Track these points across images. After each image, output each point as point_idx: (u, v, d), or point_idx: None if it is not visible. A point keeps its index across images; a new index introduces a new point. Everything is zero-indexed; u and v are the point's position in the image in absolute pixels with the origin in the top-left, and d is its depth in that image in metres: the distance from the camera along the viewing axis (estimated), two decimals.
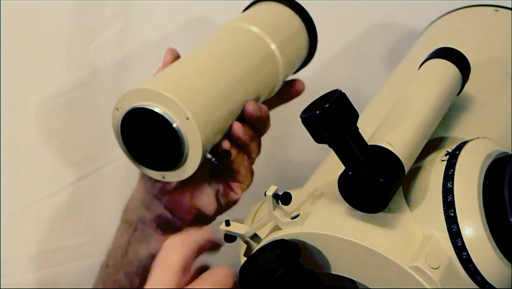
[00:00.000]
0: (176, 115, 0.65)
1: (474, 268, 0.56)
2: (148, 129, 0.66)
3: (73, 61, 1.00)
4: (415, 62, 0.67)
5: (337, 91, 0.55)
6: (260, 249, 0.59)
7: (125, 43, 1.01)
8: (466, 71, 0.65)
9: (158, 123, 0.65)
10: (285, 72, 0.79)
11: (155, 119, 0.66)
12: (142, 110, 0.66)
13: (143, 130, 0.67)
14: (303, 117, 0.55)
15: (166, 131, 0.66)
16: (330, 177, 0.60)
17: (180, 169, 0.68)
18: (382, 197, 0.55)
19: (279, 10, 0.81)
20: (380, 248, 0.56)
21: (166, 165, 0.68)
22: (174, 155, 0.67)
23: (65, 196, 1.01)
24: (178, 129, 0.66)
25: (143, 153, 0.68)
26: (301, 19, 0.81)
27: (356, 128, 0.56)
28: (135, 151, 0.69)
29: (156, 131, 0.66)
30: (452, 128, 0.66)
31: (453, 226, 0.56)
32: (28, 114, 0.99)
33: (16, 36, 0.97)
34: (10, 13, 0.96)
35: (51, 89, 0.99)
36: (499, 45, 0.77)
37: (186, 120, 0.65)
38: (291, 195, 0.60)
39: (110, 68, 1.00)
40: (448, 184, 0.57)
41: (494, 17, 0.81)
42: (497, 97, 0.72)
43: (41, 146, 0.99)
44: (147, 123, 0.66)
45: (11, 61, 0.97)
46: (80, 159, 1.00)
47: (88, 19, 0.99)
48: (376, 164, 0.55)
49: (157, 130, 0.66)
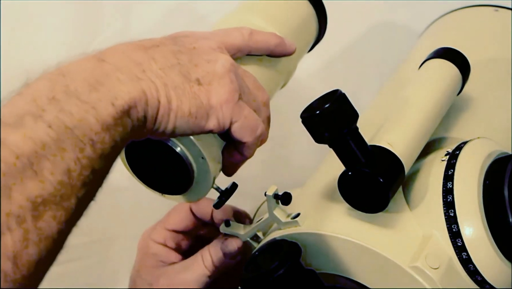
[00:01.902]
0: (191, 155, 0.60)
1: (474, 268, 0.56)
2: (157, 157, 0.62)
3: None
4: (415, 62, 0.67)
5: (337, 91, 0.55)
6: (260, 249, 0.59)
7: None
8: (466, 71, 0.65)
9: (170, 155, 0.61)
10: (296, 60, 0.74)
11: (168, 152, 0.61)
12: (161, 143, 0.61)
13: (151, 156, 0.62)
14: (303, 117, 0.55)
15: (177, 164, 0.61)
16: (330, 177, 0.60)
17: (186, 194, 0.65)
18: (382, 197, 0.55)
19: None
20: (380, 248, 0.56)
21: (171, 190, 0.65)
22: (182, 185, 0.62)
23: None
24: (191, 166, 0.61)
25: (147, 174, 0.65)
26: (312, 6, 0.75)
27: (356, 129, 0.56)
28: (138, 169, 0.65)
29: (167, 161, 0.61)
30: (452, 128, 0.66)
31: (453, 226, 0.56)
32: None
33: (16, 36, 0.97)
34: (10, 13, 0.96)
35: None
36: (499, 45, 0.77)
37: (201, 159, 0.60)
38: (291, 195, 0.60)
39: None
40: (448, 184, 0.57)
41: (494, 17, 0.81)
42: (497, 98, 0.72)
43: None
44: (157, 151, 0.61)
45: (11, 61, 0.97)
46: None
47: (88, 19, 0.99)
48: (376, 164, 0.55)
49: (168, 161, 0.61)
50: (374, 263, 0.56)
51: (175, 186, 0.63)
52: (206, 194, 0.63)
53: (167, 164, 0.62)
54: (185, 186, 0.62)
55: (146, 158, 0.63)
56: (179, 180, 0.62)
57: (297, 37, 0.74)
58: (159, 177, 0.63)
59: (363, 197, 0.56)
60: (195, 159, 0.60)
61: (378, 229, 0.57)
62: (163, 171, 0.63)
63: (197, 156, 0.60)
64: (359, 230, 0.57)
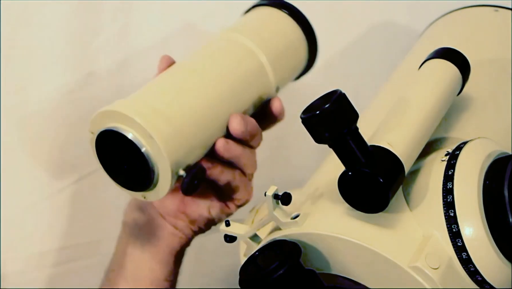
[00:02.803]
0: (144, 138, 0.64)
1: (474, 268, 0.56)
2: (119, 151, 0.65)
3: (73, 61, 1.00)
4: (415, 62, 0.67)
5: (337, 91, 0.55)
6: (260, 249, 0.59)
7: (125, 44, 1.01)
8: (466, 71, 0.65)
9: (127, 146, 0.64)
10: (277, 85, 0.76)
11: (123, 142, 0.64)
12: (111, 133, 0.65)
13: (115, 152, 0.66)
14: (303, 118, 0.55)
15: (134, 154, 0.64)
16: (330, 177, 0.60)
17: (155, 189, 0.67)
18: (382, 197, 0.55)
19: (277, 18, 0.78)
20: (380, 248, 0.56)
21: (139, 186, 0.66)
22: (145, 176, 0.65)
23: (65, 196, 1.01)
24: (146, 152, 0.64)
25: (119, 173, 0.67)
26: (300, 28, 0.78)
27: (356, 129, 0.56)
28: (113, 172, 0.67)
29: (126, 153, 0.65)
30: (452, 128, 0.66)
31: (453, 226, 0.56)
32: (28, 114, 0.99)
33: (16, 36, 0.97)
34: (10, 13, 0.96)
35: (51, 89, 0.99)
36: (499, 45, 0.77)
37: (152, 142, 0.63)
38: (291, 195, 0.60)
39: (110, 69, 1.00)
40: (448, 184, 0.57)
41: (494, 17, 0.81)
42: (497, 98, 0.72)
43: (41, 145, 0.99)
44: (117, 145, 0.65)
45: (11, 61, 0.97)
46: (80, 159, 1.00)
47: (88, 19, 0.99)
48: (376, 164, 0.55)
49: (127, 153, 0.64)
50: (374, 263, 0.56)
51: (141, 180, 0.65)
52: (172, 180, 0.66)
53: (129, 159, 0.65)
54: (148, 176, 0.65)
55: (110, 154, 0.66)
56: (141, 172, 0.65)
57: (282, 61, 0.75)
58: (127, 174, 0.66)
59: (363, 197, 0.56)
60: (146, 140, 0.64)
61: (378, 229, 0.57)
62: (127, 166, 0.65)
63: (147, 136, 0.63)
64: (359, 230, 0.57)
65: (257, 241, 0.65)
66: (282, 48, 0.77)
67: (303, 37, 0.78)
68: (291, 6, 0.78)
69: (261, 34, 0.76)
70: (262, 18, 0.79)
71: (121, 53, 1.01)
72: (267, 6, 0.79)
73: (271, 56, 0.75)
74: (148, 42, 1.01)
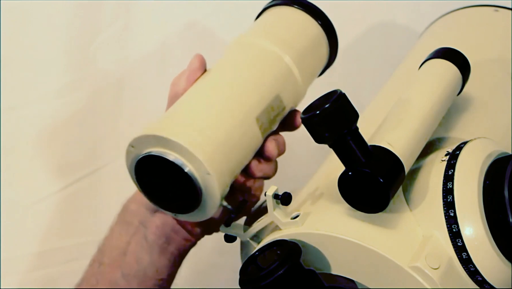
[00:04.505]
0: (196, 169, 0.62)
1: (474, 268, 0.56)
2: (164, 176, 0.64)
3: (73, 61, 1.00)
4: (415, 62, 0.67)
5: (337, 91, 0.55)
6: (260, 249, 0.59)
7: (125, 44, 1.01)
8: (466, 71, 0.65)
9: (176, 172, 0.63)
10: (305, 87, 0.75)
11: (173, 169, 0.63)
12: (160, 158, 0.63)
13: (159, 176, 0.64)
14: (303, 118, 0.55)
15: (184, 182, 0.63)
16: (330, 177, 0.60)
17: (195, 212, 0.65)
18: (382, 197, 0.55)
19: (296, 17, 0.75)
20: (380, 248, 0.56)
21: (181, 209, 0.65)
22: (190, 202, 0.64)
23: (65, 196, 1.01)
24: (198, 182, 0.63)
25: (156, 193, 0.66)
26: (320, 24, 0.75)
27: (356, 129, 0.55)
28: (148, 189, 0.66)
29: (174, 179, 0.63)
30: (452, 128, 0.66)
31: (453, 226, 0.56)
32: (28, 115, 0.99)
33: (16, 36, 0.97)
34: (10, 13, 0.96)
35: (51, 89, 0.99)
36: (499, 45, 0.77)
37: (207, 175, 0.62)
38: (291, 195, 0.60)
39: (110, 69, 1.00)
40: (448, 184, 0.57)
41: (494, 17, 0.81)
42: (497, 98, 0.72)
43: (41, 146, 0.99)
44: (163, 170, 0.63)
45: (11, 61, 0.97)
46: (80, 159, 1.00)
47: (88, 19, 0.99)
48: (376, 164, 0.55)
49: (175, 179, 0.63)
50: (374, 263, 0.56)
51: (184, 205, 0.65)
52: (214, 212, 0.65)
53: (176, 185, 0.63)
54: (194, 204, 0.64)
55: (155, 179, 0.65)
56: (187, 198, 0.64)
57: (306, 61, 0.74)
58: (169, 197, 0.65)
59: (363, 197, 0.56)
60: (202, 175, 0.62)
61: (378, 229, 0.57)
62: (172, 191, 0.64)
63: (204, 172, 0.62)
64: (359, 230, 0.57)
65: (257, 241, 0.65)
66: (306, 48, 0.75)
67: (323, 33, 0.76)
68: (307, 2, 0.76)
69: (284, 37, 0.73)
70: (283, 19, 0.76)
71: (121, 54, 1.01)
72: (283, 6, 0.76)
73: (297, 60, 0.73)
74: (148, 42, 1.01)
